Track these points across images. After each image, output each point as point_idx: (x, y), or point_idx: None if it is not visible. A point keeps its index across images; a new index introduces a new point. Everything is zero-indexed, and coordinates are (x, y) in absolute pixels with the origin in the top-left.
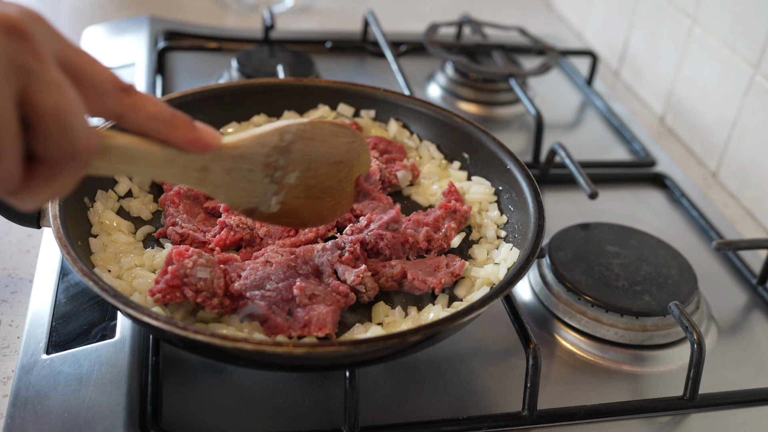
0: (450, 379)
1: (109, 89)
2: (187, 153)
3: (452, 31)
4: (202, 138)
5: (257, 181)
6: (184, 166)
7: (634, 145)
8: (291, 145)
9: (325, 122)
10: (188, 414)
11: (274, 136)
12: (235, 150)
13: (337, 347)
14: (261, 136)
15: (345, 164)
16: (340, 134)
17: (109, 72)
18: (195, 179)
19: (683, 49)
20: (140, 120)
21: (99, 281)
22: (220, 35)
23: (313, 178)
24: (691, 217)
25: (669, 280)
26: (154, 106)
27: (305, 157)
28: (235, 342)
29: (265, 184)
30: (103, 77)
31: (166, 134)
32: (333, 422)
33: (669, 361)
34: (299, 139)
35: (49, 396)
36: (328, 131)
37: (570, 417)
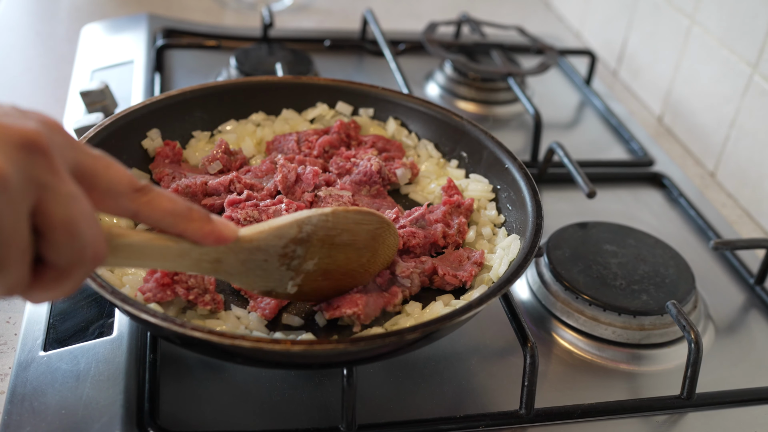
0: (448, 378)
1: (124, 191)
2: (201, 246)
3: (451, 30)
4: (218, 231)
5: (273, 270)
6: (197, 258)
7: (632, 145)
8: (310, 237)
9: (349, 210)
10: (185, 411)
11: (293, 228)
12: (250, 243)
13: (334, 345)
14: (279, 228)
15: (368, 249)
16: (364, 222)
17: (124, 173)
18: (208, 269)
19: (682, 49)
20: (156, 217)
21: (96, 277)
22: (218, 33)
23: (333, 264)
24: (689, 217)
25: (667, 279)
26: (169, 202)
27: (325, 245)
28: (233, 339)
29: (281, 272)
30: (118, 179)
31: (182, 228)
32: (331, 420)
33: (666, 360)
34: (320, 230)
35: (47, 393)
36: (352, 219)
37: (567, 416)
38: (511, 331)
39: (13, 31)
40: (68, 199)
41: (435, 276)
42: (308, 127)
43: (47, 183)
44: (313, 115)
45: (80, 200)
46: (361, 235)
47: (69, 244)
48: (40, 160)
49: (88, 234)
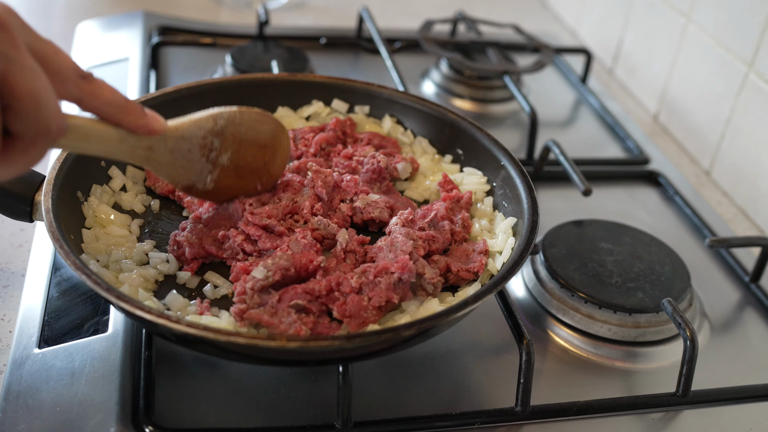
0: (443, 375)
1: (71, 76)
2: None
3: (447, 28)
4: (150, 124)
5: (195, 160)
6: (133, 145)
7: (628, 143)
8: (224, 129)
9: (252, 110)
10: (181, 409)
11: (209, 120)
12: (176, 132)
13: (330, 342)
14: (198, 121)
15: (269, 148)
16: (265, 122)
17: (71, 60)
18: (142, 157)
19: (677, 48)
20: (97, 104)
21: (92, 275)
22: (214, 31)
23: (243, 160)
24: (685, 215)
25: (662, 277)
26: (110, 92)
27: (235, 140)
28: (228, 336)
29: (202, 164)
30: (66, 65)
31: (119, 118)
32: (326, 417)
33: (662, 357)
34: (230, 124)
35: (41, 390)
36: (255, 118)
37: (563, 413)
38: (506, 329)
39: None
40: (31, 72)
41: (449, 274)
42: (304, 125)
43: (11, 56)
44: (309, 113)
45: (41, 74)
46: (262, 133)
47: (34, 114)
48: (3, 35)
49: (50, 105)
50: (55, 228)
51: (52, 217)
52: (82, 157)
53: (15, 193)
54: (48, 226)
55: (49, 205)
